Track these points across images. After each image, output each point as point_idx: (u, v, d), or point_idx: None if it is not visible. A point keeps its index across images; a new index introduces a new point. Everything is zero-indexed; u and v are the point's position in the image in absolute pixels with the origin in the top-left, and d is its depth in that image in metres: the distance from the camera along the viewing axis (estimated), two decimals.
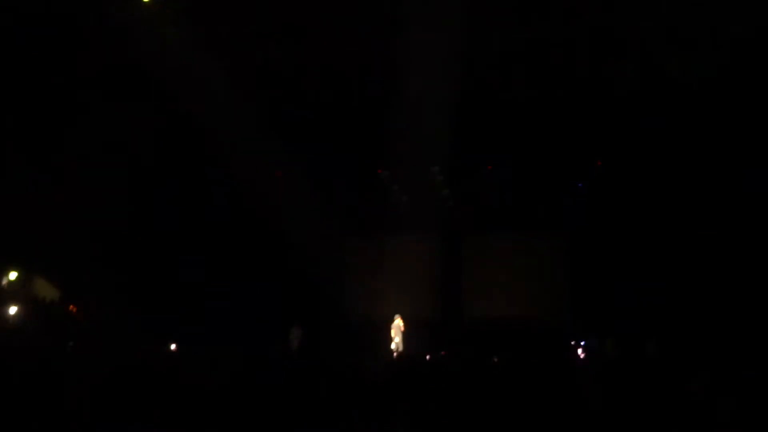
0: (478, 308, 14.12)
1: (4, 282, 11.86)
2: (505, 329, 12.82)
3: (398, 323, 11.98)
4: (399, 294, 13.59)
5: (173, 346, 10.63)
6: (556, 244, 14.11)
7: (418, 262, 14.33)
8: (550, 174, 13.23)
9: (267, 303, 13.03)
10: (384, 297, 13.59)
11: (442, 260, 14.54)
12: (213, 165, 12.74)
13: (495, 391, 5.26)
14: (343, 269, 14.73)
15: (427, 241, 14.61)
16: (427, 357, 8.95)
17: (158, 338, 10.57)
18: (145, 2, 9.95)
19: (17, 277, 11.93)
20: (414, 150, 11.91)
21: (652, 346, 10.21)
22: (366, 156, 13.05)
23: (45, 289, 12.26)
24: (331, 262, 14.25)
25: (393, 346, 11.81)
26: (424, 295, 14.08)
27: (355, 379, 5.93)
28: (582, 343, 11.37)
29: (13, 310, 11.17)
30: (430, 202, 13.92)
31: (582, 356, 10.20)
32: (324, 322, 13.18)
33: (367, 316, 13.70)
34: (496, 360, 7.89)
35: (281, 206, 12.94)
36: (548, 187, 13.47)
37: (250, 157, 12.18)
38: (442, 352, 9.52)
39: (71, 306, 12.29)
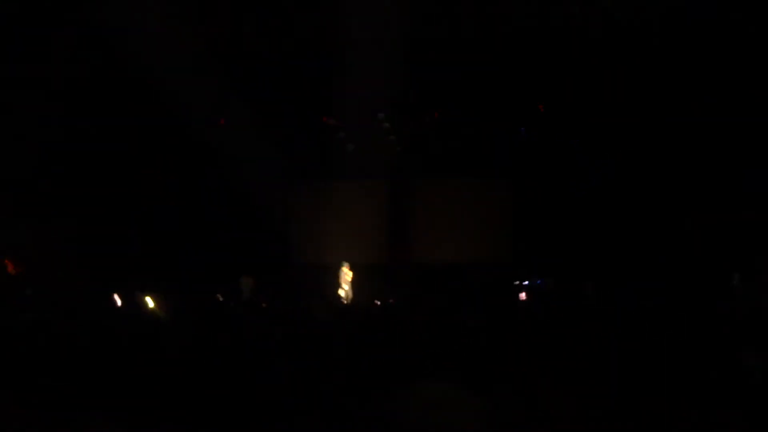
0: (427, 253, 14.34)
1: None
2: (453, 273, 13.19)
3: (345, 271, 12.13)
4: (347, 240, 13.71)
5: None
6: (502, 189, 14.37)
7: (365, 209, 14.43)
8: (495, 120, 13.35)
9: (214, 252, 12.87)
10: (332, 244, 13.68)
11: (389, 206, 14.64)
12: (152, 111, 12.21)
13: (445, 334, 5.37)
14: (291, 217, 14.66)
15: (375, 188, 14.66)
16: (377, 303, 9.08)
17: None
18: None
19: None
20: (360, 96, 11.78)
21: (589, 287, 10.64)
22: (311, 102, 12.85)
23: None
24: (278, 209, 14.15)
25: (341, 293, 11.95)
26: (372, 241, 14.24)
27: (307, 327, 5.97)
28: (525, 284, 11.79)
29: None
30: (376, 149, 13.89)
31: (524, 296, 10.57)
32: (273, 271, 13.15)
33: (316, 263, 13.78)
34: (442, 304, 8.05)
35: (225, 154, 12.67)
36: (494, 133, 13.62)
37: (192, 104, 11.76)
38: (391, 300, 9.65)
39: (5, 261, 11.66)
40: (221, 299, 10.62)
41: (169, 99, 11.43)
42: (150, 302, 8.24)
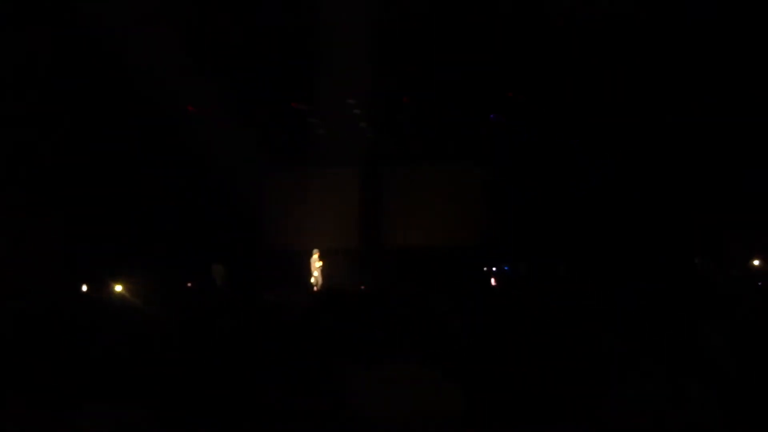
0: (399, 239, 14.44)
1: None
2: (425, 258, 13.32)
3: (315, 258, 12.18)
4: (320, 226, 13.73)
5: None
6: (475, 174, 14.49)
7: (338, 195, 14.45)
8: (467, 105, 13.43)
9: (186, 240, 12.76)
10: (305, 230, 13.69)
11: (362, 192, 14.68)
12: (123, 98, 11.95)
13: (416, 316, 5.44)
14: (263, 203, 14.59)
15: (347, 173, 14.69)
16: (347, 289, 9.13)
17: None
18: None
19: None
20: (330, 83, 11.73)
21: (562, 269, 10.84)
22: (282, 89, 12.77)
23: None
24: (249, 196, 14.07)
25: (312, 280, 12.00)
26: (345, 227, 14.29)
27: (280, 313, 6.00)
28: (494, 269, 11.94)
29: None
30: (348, 135, 13.88)
31: (494, 282, 10.74)
32: (245, 258, 13.11)
33: (288, 249, 13.78)
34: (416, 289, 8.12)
35: (197, 141, 12.52)
36: (465, 119, 13.69)
37: (163, 92, 11.56)
38: (362, 286, 9.71)
39: None
40: (192, 287, 10.60)
41: (138, 87, 11.22)
42: (124, 292, 8.19)
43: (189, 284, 10.67)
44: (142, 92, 11.34)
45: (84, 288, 9.45)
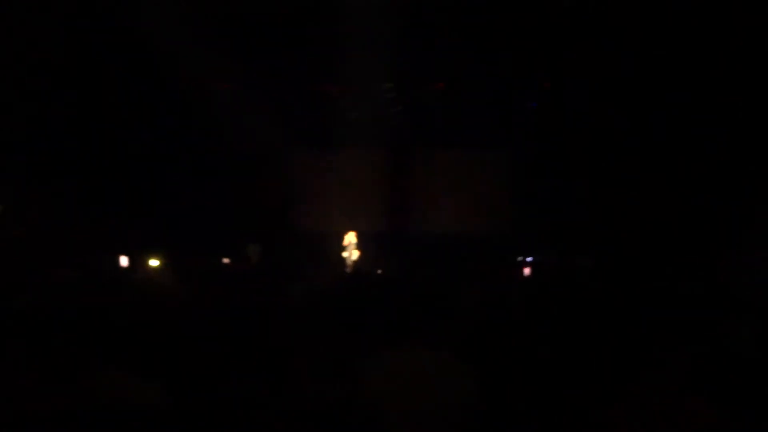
0: (427, 223, 14.43)
1: None
2: (453, 244, 13.31)
3: (350, 239, 12.25)
4: (349, 209, 13.81)
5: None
6: (504, 161, 14.36)
7: (367, 178, 14.50)
8: (499, 93, 13.30)
9: (220, 220, 12.96)
10: (335, 212, 13.78)
11: (391, 176, 14.69)
12: (155, 74, 12.06)
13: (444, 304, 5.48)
14: (294, 185, 14.71)
15: (377, 157, 14.70)
16: (379, 272, 9.25)
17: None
18: None
19: None
20: (364, 66, 11.72)
21: (586, 259, 10.72)
22: (315, 71, 12.80)
23: None
24: (284, 177, 14.20)
25: (346, 261, 12.09)
26: (374, 210, 14.35)
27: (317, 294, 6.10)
28: (528, 260, 11.88)
29: None
30: (380, 118, 13.87)
31: (527, 272, 10.69)
32: (279, 238, 13.26)
33: (319, 231, 13.90)
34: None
35: (229, 121, 12.65)
36: (497, 106, 13.57)
37: (196, 70, 11.65)
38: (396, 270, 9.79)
39: None
40: (230, 264, 10.79)
41: (167, 64, 11.23)
42: (161, 267, 8.34)
43: (226, 261, 10.87)
44: (169, 69, 11.34)
45: (125, 262, 9.66)
